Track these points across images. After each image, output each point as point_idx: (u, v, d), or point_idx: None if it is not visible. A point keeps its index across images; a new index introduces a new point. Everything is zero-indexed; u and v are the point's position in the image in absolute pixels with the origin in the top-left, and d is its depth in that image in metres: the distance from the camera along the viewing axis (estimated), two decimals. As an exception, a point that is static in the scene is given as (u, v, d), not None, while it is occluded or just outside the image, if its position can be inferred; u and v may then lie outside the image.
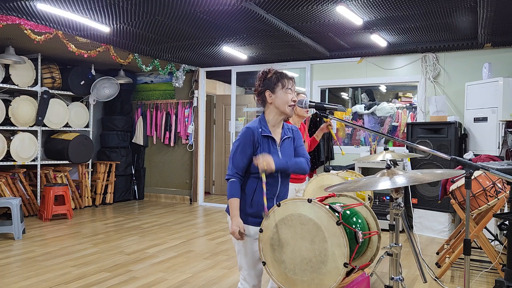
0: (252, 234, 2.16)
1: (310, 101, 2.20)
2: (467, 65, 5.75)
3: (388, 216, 5.50)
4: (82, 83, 6.96)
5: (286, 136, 2.26)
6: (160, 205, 7.55)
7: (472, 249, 4.53)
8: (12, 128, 6.10)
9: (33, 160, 6.37)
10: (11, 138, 6.09)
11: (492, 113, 5.04)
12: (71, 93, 6.91)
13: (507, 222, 2.71)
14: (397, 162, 5.43)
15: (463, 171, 1.77)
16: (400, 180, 1.86)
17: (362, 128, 2.07)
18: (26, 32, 4.75)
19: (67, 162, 6.76)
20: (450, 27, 4.84)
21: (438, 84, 5.91)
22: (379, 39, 5.36)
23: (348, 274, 1.99)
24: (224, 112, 8.79)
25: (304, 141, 3.77)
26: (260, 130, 2.17)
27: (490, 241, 3.96)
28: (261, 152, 2.15)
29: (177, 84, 7.38)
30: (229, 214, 2.22)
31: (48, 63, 6.61)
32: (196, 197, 7.73)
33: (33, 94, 6.49)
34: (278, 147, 2.21)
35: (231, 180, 2.13)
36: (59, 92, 6.75)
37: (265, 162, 2.06)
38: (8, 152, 6.02)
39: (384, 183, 1.86)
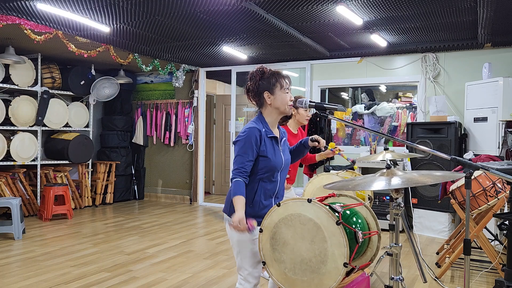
0: (254, 234, 2.15)
1: (310, 101, 2.20)
2: (467, 65, 5.75)
3: (388, 216, 5.50)
4: (82, 83, 6.96)
5: (283, 137, 2.28)
6: (160, 205, 7.55)
7: (472, 249, 4.53)
8: (12, 128, 6.10)
9: (33, 160, 6.37)
10: (11, 138, 6.09)
11: (492, 113, 5.04)
12: (71, 93, 6.91)
13: (507, 222, 2.71)
14: (397, 162, 5.44)
15: (461, 174, 1.77)
16: (397, 181, 1.85)
17: (362, 128, 2.07)
18: (26, 32, 4.75)
19: (67, 162, 6.76)
20: (450, 27, 4.84)
21: (438, 84, 5.91)
22: (379, 39, 5.36)
23: (348, 274, 1.99)
24: (224, 112, 8.79)
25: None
26: (264, 130, 2.15)
27: (490, 241, 3.96)
28: (266, 152, 2.12)
29: (177, 84, 7.38)
30: (226, 214, 2.21)
31: (48, 63, 6.61)
32: (196, 197, 7.73)
33: (33, 94, 6.49)
34: (280, 147, 2.22)
35: (235, 179, 2.07)
36: (59, 92, 6.75)
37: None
38: (8, 152, 6.02)
39: (380, 184, 1.85)
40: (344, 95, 7.55)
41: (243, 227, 2.00)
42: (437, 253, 4.55)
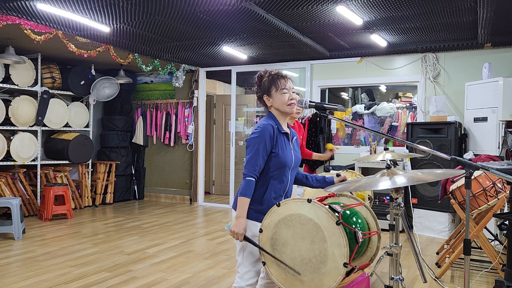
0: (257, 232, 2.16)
1: (310, 101, 2.20)
2: (467, 65, 5.75)
3: (388, 216, 5.50)
4: (82, 83, 6.96)
5: (294, 136, 2.32)
6: (160, 205, 7.55)
7: (472, 249, 4.53)
8: (12, 128, 6.10)
9: (33, 160, 6.37)
10: (11, 138, 6.09)
11: (492, 113, 5.04)
12: (71, 93, 6.91)
13: (507, 222, 2.71)
14: (397, 162, 5.44)
15: (463, 171, 1.77)
16: (400, 180, 1.86)
17: (362, 128, 2.07)
18: (26, 32, 4.75)
19: (67, 162, 6.76)
20: (450, 27, 4.84)
21: (438, 84, 5.91)
22: (379, 39, 5.35)
23: (348, 274, 1.99)
24: (224, 112, 8.79)
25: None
26: (276, 127, 2.18)
27: (490, 241, 3.96)
28: (278, 148, 2.14)
29: (177, 84, 7.38)
30: (235, 210, 2.22)
31: (48, 63, 6.61)
32: (196, 197, 7.73)
33: (33, 94, 6.49)
34: (291, 144, 2.24)
35: (248, 178, 2.09)
36: (59, 92, 6.75)
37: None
38: (8, 152, 6.02)
39: (384, 183, 1.86)
40: (344, 95, 7.55)
41: (240, 237, 2.07)
42: (437, 253, 4.55)
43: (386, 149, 3.09)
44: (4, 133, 6.14)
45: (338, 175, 2.34)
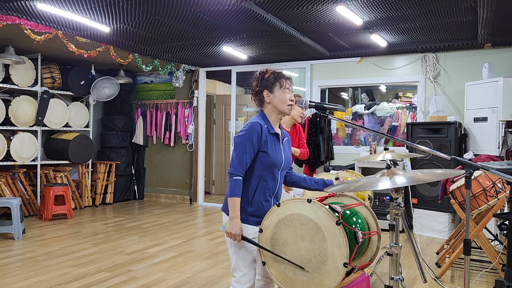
0: (251, 234, 2.14)
1: (310, 101, 2.20)
2: (467, 65, 5.75)
3: (388, 216, 5.50)
4: (82, 83, 6.96)
5: (285, 137, 2.30)
6: (160, 205, 7.55)
7: (472, 249, 4.53)
8: (12, 128, 6.10)
9: (33, 160, 6.37)
10: (11, 138, 6.09)
11: (492, 113, 5.04)
12: (71, 93, 6.91)
13: (507, 222, 2.71)
14: (397, 162, 5.43)
15: (463, 171, 1.77)
16: (400, 180, 1.86)
17: (362, 128, 2.07)
18: (26, 32, 4.75)
19: (67, 162, 6.76)
20: (450, 27, 4.84)
21: (438, 84, 5.91)
22: (379, 39, 5.35)
23: (348, 274, 1.99)
24: (224, 112, 8.79)
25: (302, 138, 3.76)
26: (266, 126, 2.16)
27: (490, 241, 3.96)
28: (267, 148, 2.12)
29: (177, 84, 7.38)
30: (224, 212, 2.21)
31: (48, 63, 6.61)
32: (196, 197, 7.73)
33: (33, 94, 6.49)
34: (281, 145, 2.22)
35: (235, 177, 2.07)
36: (59, 92, 6.75)
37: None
38: (8, 152, 6.02)
39: (384, 183, 1.86)
40: (344, 95, 7.55)
41: (238, 237, 2.05)
42: (437, 253, 4.55)
43: (386, 149, 3.08)
44: (4, 133, 6.14)
45: (337, 178, 2.32)
